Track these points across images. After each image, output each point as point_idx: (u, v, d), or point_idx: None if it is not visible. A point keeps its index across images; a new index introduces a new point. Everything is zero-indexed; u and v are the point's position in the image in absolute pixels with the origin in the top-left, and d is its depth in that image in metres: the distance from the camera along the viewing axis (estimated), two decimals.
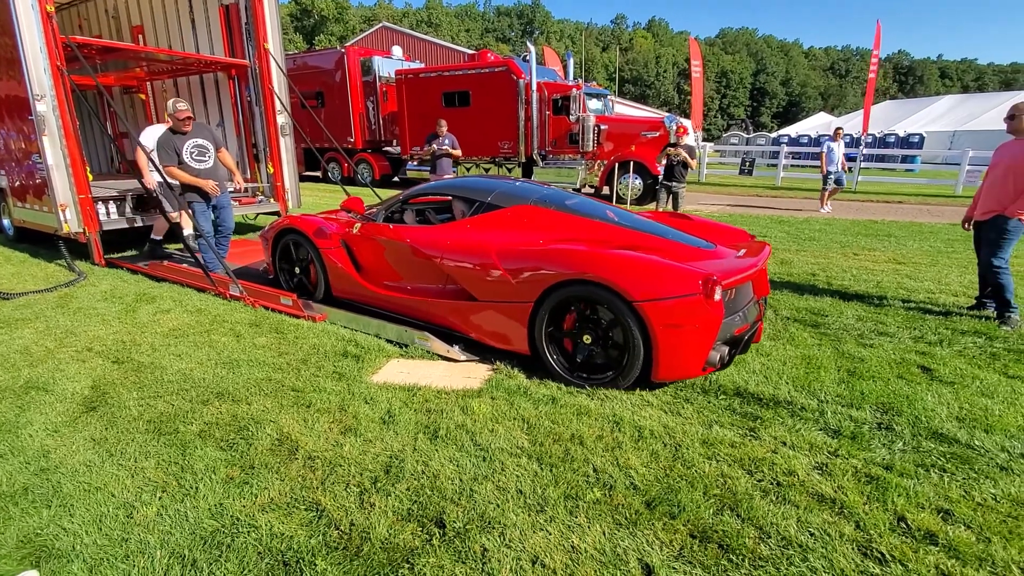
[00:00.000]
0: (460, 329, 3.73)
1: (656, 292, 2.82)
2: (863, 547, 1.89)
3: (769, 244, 3.78)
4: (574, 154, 12.79)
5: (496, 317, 3.49)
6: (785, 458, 2.39)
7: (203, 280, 5.04)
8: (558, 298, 3.13)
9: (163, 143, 5.08)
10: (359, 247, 4.41)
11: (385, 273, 4.29)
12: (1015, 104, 4.16)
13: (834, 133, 11.13)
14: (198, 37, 7.64)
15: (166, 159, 5.05)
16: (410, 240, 4.01)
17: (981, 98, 33.05)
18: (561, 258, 3.16)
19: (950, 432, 2.60)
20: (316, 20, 57.76)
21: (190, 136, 5.18)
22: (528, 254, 3.35)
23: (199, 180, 5.13)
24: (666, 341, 2.83)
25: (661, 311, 2.80)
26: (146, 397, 3.01)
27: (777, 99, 74.47)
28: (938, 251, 7.01)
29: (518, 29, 75.49)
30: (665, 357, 2.86)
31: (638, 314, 2.84)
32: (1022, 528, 1.97)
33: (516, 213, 3.76)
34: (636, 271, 2.91)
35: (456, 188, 4.46)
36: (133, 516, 2.05)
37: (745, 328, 3.20)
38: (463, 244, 3.70)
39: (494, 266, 3.43)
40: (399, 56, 16.32)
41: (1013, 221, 4.05)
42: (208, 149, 5.31)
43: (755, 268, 3.25)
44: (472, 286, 3.60)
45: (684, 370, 2.94)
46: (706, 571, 1.78)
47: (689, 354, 2.88)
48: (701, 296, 2.79)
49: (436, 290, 3.95)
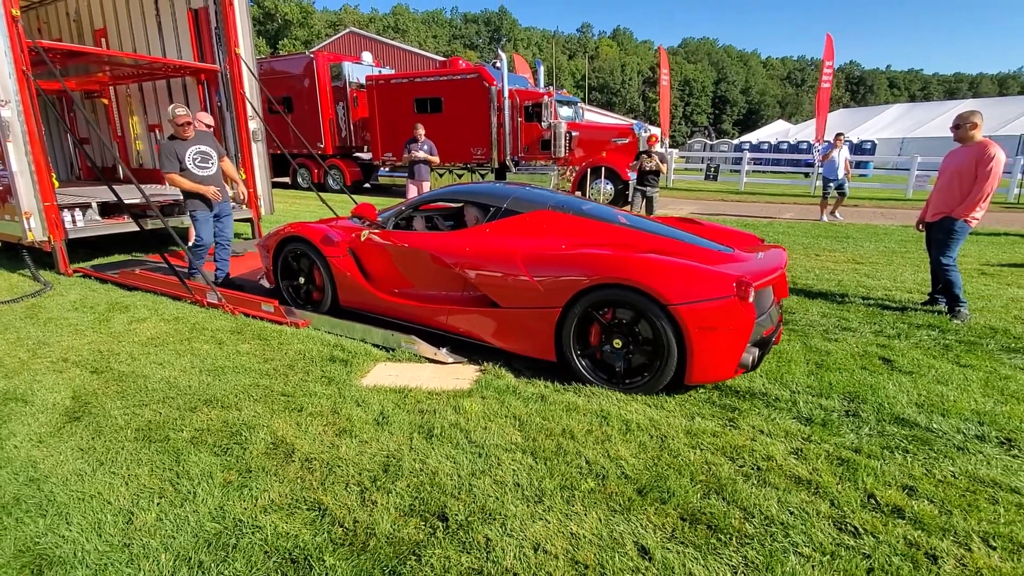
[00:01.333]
0: (479, 337, 3.65)
1: (691, 295, 2.82)
2: (838, 522, 2.05)
3: (784, 248, 3.86)
4: (546, 160, 12.99)
5: (521, 324, 3.42)
6: (763, 445, 2.55)
7: (178, 288, 4.96)
8: (588, 303, 3.09)
9: (164, 150, 4.94)
10: (368, 255, 4.28)
11: (398, 281, 4.17)
12: (959, 114, 4.48)
13: (835, 139, 10.56)
14: (165, 41, 7.50)
15: (168, 166, 4.93)
16: (428, 247, 3.92)
17: (927, 107, 34.95)
18: (591, 262, 3.12)
19: (911, 417, 2.81)
20: (280, 24, 56.80)
21: (192, 143, 5.06)
22: (555, 259, 3.30)
23: (201, 187, 5.02)
24: (701, 344, 2.82)
25: (696, 314, 2.80)
26: (131, 406, 2.97)
27: (738, 107, 76.90)
28: (893, 251, 7.43)
29: (485, 36, 75.88)
30: (700, 360, 2.85)
31: (673, 317, 2.84)
32: (979, 501, 2.16)
33: (536, 218, 3.70)
34: (671, 274, 2.91)
35: (469, 194, 4.42)
36: (133, 522, 2.05)
37: (772, 330, 3.26)
38: (485, 250, 3.63)
39: (519, 272, 3.37)
40: (369, 62, 16.25)
41: (959, 222, 4.37)
42: (211, 156, 5.18)
43: (780, 270, 3.32)
44: (495, 293, 3.52)
45: (718, 372, 2.94)
46: (697, 550, 1.90)
47: (723, 356, 2.88)
48: (736, 298, 2.81)
49: (454, 297, 3.86)
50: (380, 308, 4.20)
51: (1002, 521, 2.04)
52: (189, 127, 5.02)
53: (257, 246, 5.24)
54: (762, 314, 3.15)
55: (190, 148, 5.03)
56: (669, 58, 23.32)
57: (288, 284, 4.82)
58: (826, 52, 15.42)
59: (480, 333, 3.65)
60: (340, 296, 4.39)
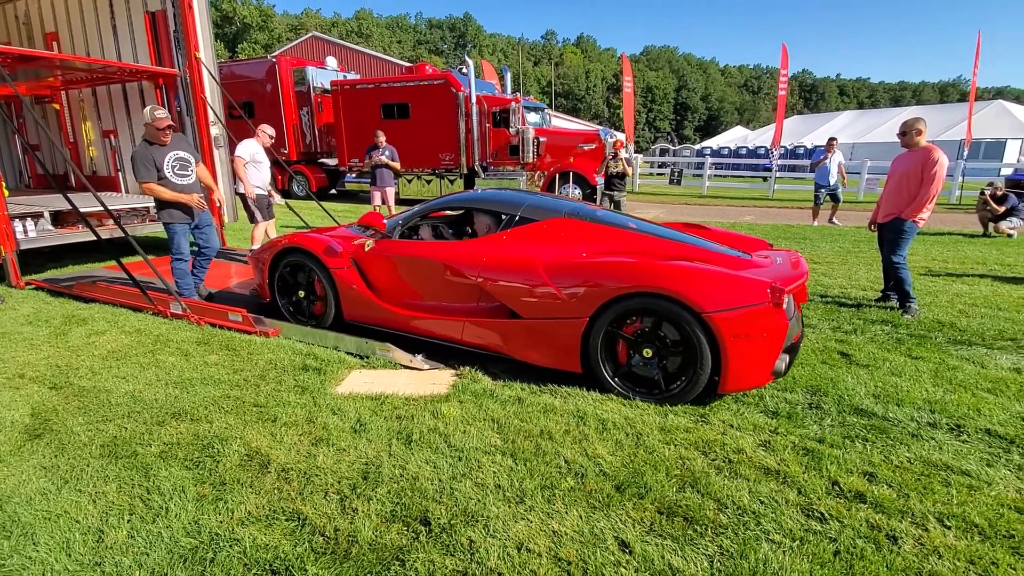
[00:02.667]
0: (496, 349, 3.53)
1: (726, 302, 2.78)
2: (805, 509, 2.14)
3: (798, 252, 3.90)
4: (515, 165, 13.09)
5: (544, 335, 3.30)
6: (733, 438, 2.64)
7: (139, 299, 4.79)
8: (616, 312, 3.01)
9: (139, 157, 4.44)
10: (375, 266, 4.08)
11: (408, 293, 3.98)
12: (904, 122, 4.77)
13: (827, 144, 10.41)
14: (120, 45, 7.26)
15: (145, 174, 4.45)
16: (440, 257, 3.78)
17: (874, 114, 36.75)
18: (620, 271, 3.05)
19: (869, 407, 2.96)
20: (239, 28, 55.50)
21: (170, 148, 4.58)
22: (581, 267, 3.21)
23: (182, 196, 4.60)
24: (736, 351, 2.78)
25: (732, 321, 2.76)
26: (94, 421, 2.86)
27: (698, 113, 79.06)
28: (847, 251, 7.78)
29: (451, 42, 75.91)
30: (735, 368, 2.81)
31: (707, 325, 2.79)
32: (934, 484, 2.30)
33: (553, 226, 3.61)
34: (705, 282, 2.87)
35: (480, 201, 4.30)
36: (103, 540, 1.98)
37: (798, 335, 3.27)
38: (503, 259, 3.51)
39: (543, 282, 3.26)
40: (334, 66, 16.06)
41: (908, 223, 4.63)
42: (190, 163, 4.76)
43: (806, 275, 3.32)
44: (516, 303, 3.39)
45: (753, 380, 2.91)
46: (675, 541, 1.96)
47: (758, 363, 2.85)
48: (770, 305, 2.78)
49: (469, 309, 3.70)
50: (388, 321, 4.00)
51: (955, 502, 2.18)
52: (169, 131, 4.55)
53: (250, 258, 4.90)
54: (790, 319, 3.07)
55: (168, 154, 4.56)
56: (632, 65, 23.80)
57: (286, 298, 4.57)
58: (782, 61, 16.07)
59: (498, 345, 3.50)
60: (345, 310, 4.17)
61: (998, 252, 7.75)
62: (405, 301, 4.00)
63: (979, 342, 4.01)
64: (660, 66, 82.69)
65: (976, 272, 6.42)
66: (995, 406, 2.98)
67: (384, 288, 4.08)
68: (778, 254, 3.73)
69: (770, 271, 3.21)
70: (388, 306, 3.99)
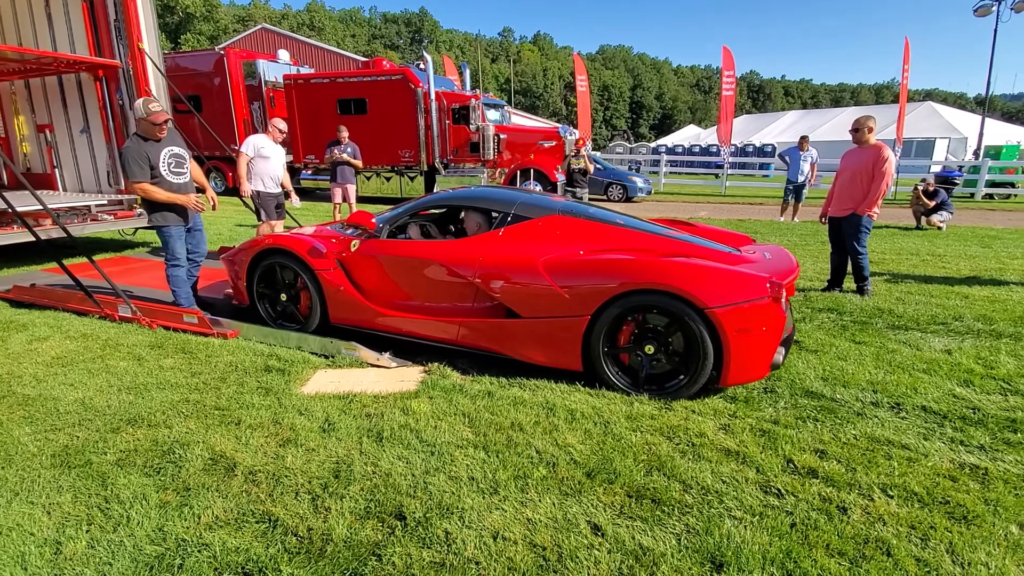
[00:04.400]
0: (494, 349, 3.47)
1: (728, 298, 2.83)
2: (763, 486, 2.27)
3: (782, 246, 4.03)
4: (475, 162, 13.08)
5: (544, 334, 3.27)
6: (696, 423, 2.76)
7: (85, 302, 4.56)
8: (619, 309, 3.03)
9: (132, 154, 4.04)
10: (361, 267, 3.94)
11: (398, 294, 3.87)
12: (857, 119, 5.16)
13: (800, 142, 10.55)
14: (56, 34, 6.83)
15: (138, 173, 4.05)
16: (434, 256, 3.69)
17: (817, 114, 38.56)
18: (623, 268, 3.07)
19: (818, 390, 3.15)
20: (181, 18, 53.01)
21: (164, 144, 4.21)
22: (582, 265, 3.21)
23: (178, 196, 4.22)
24: (738, 346, 2.84)
25: (734, 316, 2.82)
26: (42, 431, 2.72)
27: (653, 112, 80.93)
28: (795, 244, 8.17)
29: (406, 37, 74.87)
30: (736, 362, 2.87)
31: (710, 320, 2.84)
32: (878, 458, 2.47)
33: (549, 224, 3.57)
34: (707, 278, 2.92)
35: (471, 199, 4.23)
36: (61, 552, 1.89)
37: (791, 329, 3.37)
38: (501, 258, 3.46)
39: (543, 280, 3.23)
40: (286, 60, 15.58)
41: (864, 217, 5.01)
42: (185, 159, 4.36)
43: (797, 270, 3.40)
44: (516, 303, 3.34)
45: (753, 373, 2.97)
46: (644, 522, 2.04)
47: (758, 357, 2.92)
48: (770, 299, 2.85)
49: (464, 309, 3.64)
50: (378, 324, 3.88)
51: (896, 473, 2.35)
52: (166, 127, 4.16)
53: (223, 260, 4.59)
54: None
55: (163, 150, 4.18)
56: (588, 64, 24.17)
57: (266, 302, 4.36)
58: (725, 62, 16.63)
59: (496, 345, 3.45)
60: (331, 313, 4.01)
61: (929, 243, 8.31)
62: (396, 302, 3.88)
63: (915, 327, 4.31)
64: (616, 65, 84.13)
65: (910, 262, 6.87)
66: (929, 385, 3.22)
67: (373, 289, 3.94)
68: (765, 249, 3.82)
69: (765, 266, 3.28)
70: (378, 308, 3.86)
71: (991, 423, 2.79)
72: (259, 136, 6.28)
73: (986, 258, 7.15)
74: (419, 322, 3.72)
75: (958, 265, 6.68)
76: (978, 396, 3.10)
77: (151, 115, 4.04)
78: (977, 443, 2.61)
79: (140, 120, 4.12)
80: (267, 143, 6.17)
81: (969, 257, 7.24)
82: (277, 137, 6.27)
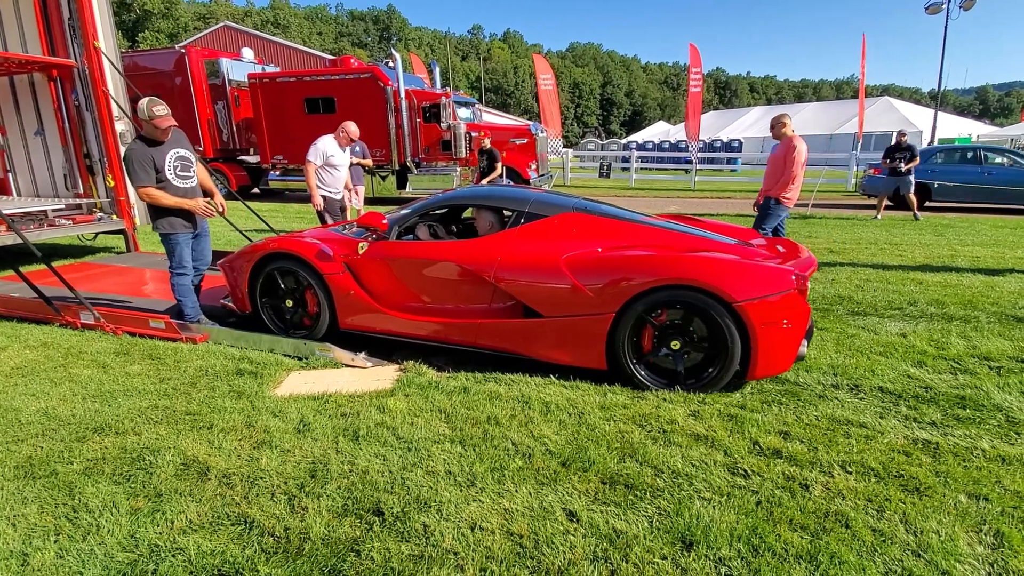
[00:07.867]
0: (516, 351, 3.41)
1: (755, 291, 2.85)
2: (731, 468, 2.36)
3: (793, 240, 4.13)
4: (447, 161, 13.04)
5: (568, 333, 3.23)
6: (666, 411, 2.84)
7: (43, 310, 4.40)
8: (644, 306, 3.02)
9: (136, 158, 3.82)
10: (371, 269, 3.81)
11: (411, 296, 3.76)
12: (772, 117, 5.74)
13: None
14: (6, 33, 6.56)
15: (143, 177, 3.84)
16: (449, 256, 3.58)
17: (781, 109, 39.51)
18: (648, 265, 3.05)
19: (782, 375, 3.27)
20: (139, 15, 51.30)
21: (169, 146, 3.97)
22: (606, 262, 3.18)
23: (185, 201, 3.99)
24: (765, 339, 2.86)
25: (761, 310, 2.84)
26: (4, 442, 2.63)
27: (623, 109, 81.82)
28: None
29: (374, 34, 73.97)
30: (764, 355, 2.89)
31: (738, 314, 2.85)
32: (837, 437, 2.59)
33: (565, 221, 3.51)
34: (734, 272, 2.93)
35: (483, 198, 4.15)
36: (28, 563, 1.85)
37: (811, 320, 3.39)
38: (521, 257, 3.39)
39: (566, 278, 3.19)
40: (251, 58, 15.24)
41: (772, 201, 5.54)
42: (192, 162, 4.14)
43: (816, 262, 3.44)
44: (538, 302, 3.29)
45: (779, 365, 2.99)
46: (618, 507, 2.10)
47: (785, 349, 2.94)
48: (795, 292, 2.88)
49: (482, 310, 3.55)
50: (391, 328, 3.75)
51: (855, 451, 2.47)
52: (171, 130, 3.93)
53: (221, 266, 4.40)
54: None
55: (169, 153, 3.95)
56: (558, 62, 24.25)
57: (271, 309, 4.19)
58: (692, 59, 16.93)
59: (517, 347, 3.39)
60: (341, 318, 3.87)
61: (887, 233, 8.65)
62: (409, 305, 3.77)
63: (872, 312, 4.50)
64: (586, 63, 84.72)
65: (869, 251, 7.15)
66: (886, 367, 3.38)
67: (384, 292, 3.81)
68: (777, 243, 3.86)
69: (784, 259, 3.31)
70: (391, 312, 3.74)
71: (942, 400, 2.95)
72: (328, 141, 5.84)
73: (939, 246, 7.48)
74: (434, 325, 3.62)
75: (913, 253, 6.98)
76: (930, 376, 3.26)
77: (155, 118, 3.81)
78: (929, 420, 2.75)
79: (144, 122, 3.89)
80: (336, 150, 5.84)
81: (923, 245, 7.56)
82: (346, 143, 5.96)
